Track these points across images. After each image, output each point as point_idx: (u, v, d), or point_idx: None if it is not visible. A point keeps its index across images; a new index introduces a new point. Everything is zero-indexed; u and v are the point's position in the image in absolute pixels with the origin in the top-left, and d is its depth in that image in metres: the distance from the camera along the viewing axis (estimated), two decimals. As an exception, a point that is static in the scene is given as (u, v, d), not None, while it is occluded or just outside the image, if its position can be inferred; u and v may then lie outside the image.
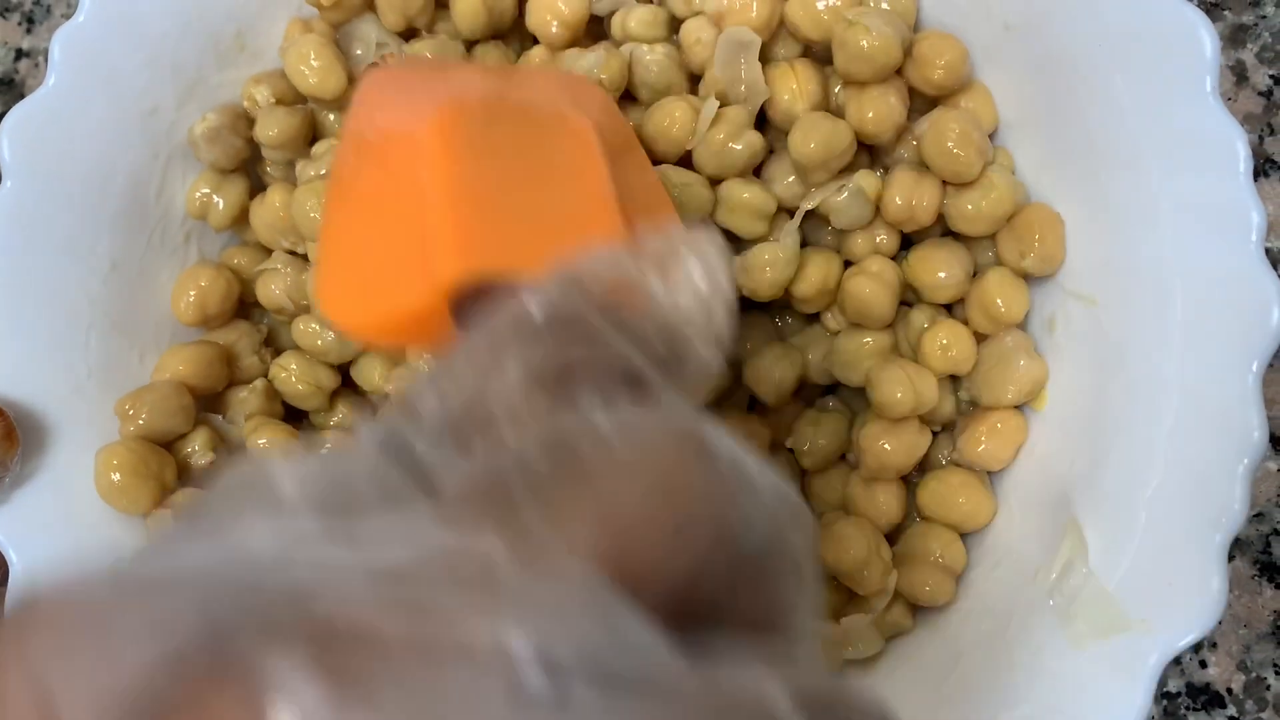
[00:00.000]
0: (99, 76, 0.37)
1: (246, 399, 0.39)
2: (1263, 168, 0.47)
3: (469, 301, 0.23)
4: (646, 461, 0.14)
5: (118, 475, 0.34)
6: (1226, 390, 0.30)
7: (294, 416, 0.40)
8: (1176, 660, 0.41)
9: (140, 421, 0.36)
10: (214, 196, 0.39)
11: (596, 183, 0.27)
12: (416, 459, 0.16)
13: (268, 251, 0.41)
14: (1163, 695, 0.43)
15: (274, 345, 0.41)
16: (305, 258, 0.39)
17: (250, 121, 0.39)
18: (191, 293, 0.38)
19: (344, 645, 0.11)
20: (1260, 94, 0.47)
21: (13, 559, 0.34)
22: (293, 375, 0.39)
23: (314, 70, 0.37)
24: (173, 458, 0.36)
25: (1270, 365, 0.30)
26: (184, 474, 0.37)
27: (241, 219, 0.40)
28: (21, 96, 0.50)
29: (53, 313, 0.36)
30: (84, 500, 0.35)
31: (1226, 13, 0.48)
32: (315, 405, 0.39)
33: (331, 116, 0.40)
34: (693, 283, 0.19)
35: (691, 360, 0.19)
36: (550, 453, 0.15)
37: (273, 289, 0.39)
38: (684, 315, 0.19)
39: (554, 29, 0.38)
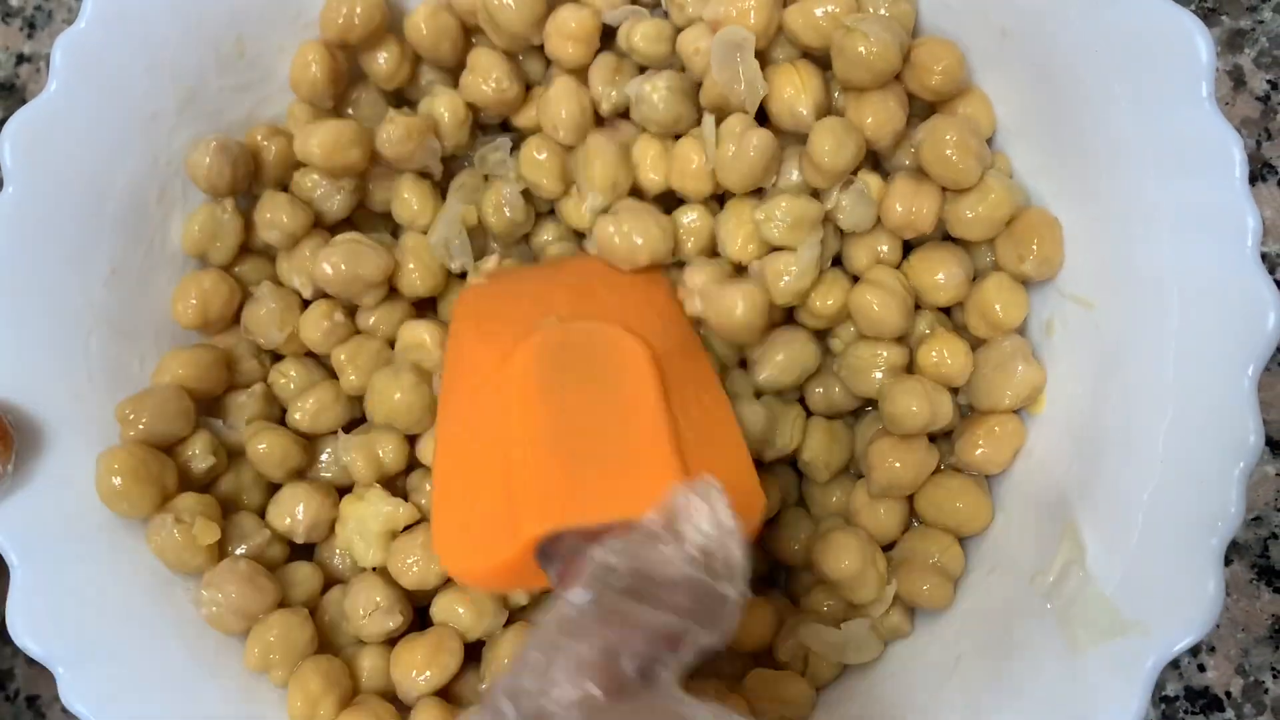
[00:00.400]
0: (100, 82, 0.37)
1: (246, 403, 0.39)
2: (1260, 172, 0.47)
3: (549, 544, 0.28)
4: None
5: (119, 479, 0.34)
6: (1223, 394, 0.30)
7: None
8: (1175, 664, 0.42)
9: (141, 426, 0.36)
10: (212, 235, 0.39)
11: (652, 420, 0.31)
12: None
13: (270, 258, 0.41)
14: (1161, 699, 0.43)
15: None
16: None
17: (251, 151, 0.40)
18: (193, 297, 0.39)
19: None
20: (1258, 99, 0.48)
21: (13, 561, 0.34)
22: (291, 381, 0.40)
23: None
24: (173, 461, 0.36)
25: (1266, 369, 0.30)
26: (185, 478, 0.37)
27: (240, 250, 0.40)
28: (23, 101, 0.50)
29: (54, 317, 0.36)
30: (85, 503, 0.35)
31: (1224, 18, 0.48)
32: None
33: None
34: (701, 535, 0.23)
35: (716, 601, 0.23)
36: None
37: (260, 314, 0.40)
38: (701, 565, 0.23)
39: (570, 49, 0.38)
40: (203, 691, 0.35)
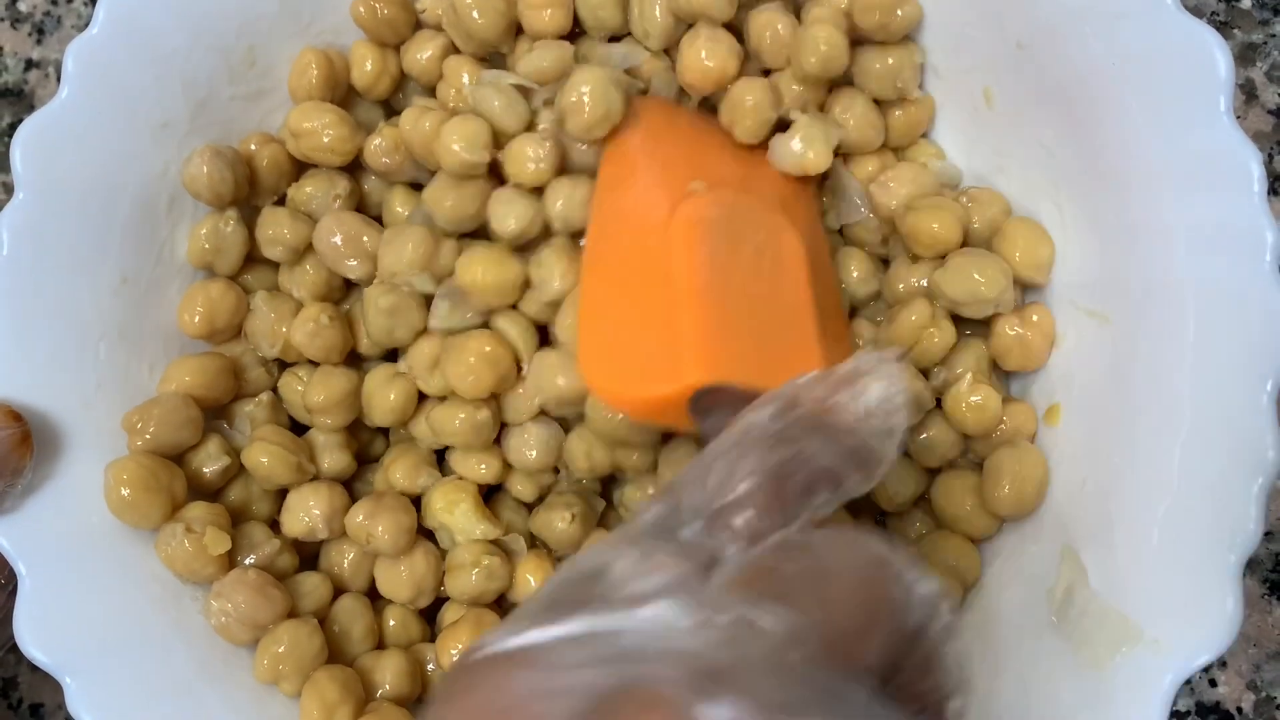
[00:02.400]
0: (111, 89, 0.37)
1: (253, 412, 0.39)
2: (1273, 186, 0.47)
3: (703, 395, 0.30)
4: (855, 581, 0.20)
5: (127, 490, 0.34)
6: (1241, 409, 0.30)
7: (299, 428, 0.40)
8: (1186, 679, 0.41)
9: (148, 435, 0.36)
10: (216, 249, 0.39)
11: (803, 305, 0.33)
12: (680, 540, 0.22)
13: (276, 266, 0.41)
14: (1172, 714, 0.42)
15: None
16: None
17: (247, 161, 0.39)
18: (199, 307, 0.38)
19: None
20: (1270, 112, 0.48)
21: (21, 570, 0.33)
22: (304, 385, 0.39)
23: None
24: (182, 471, 0.36)
25: (1285, 385, 0.30)
26: (194, 486, 0.37)
27: (245, 261, 0.40)
28: (31, 107, 0.50)
29: (63, 324, 0.36)
30: (93, 512, 0.35)
31: (1236, 31, 0.48)
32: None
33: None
34: (874, 396, 0.25)
35: (874, 455, 0.25)
36: (785, 553, 0.21)
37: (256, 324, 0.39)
38: (868, 421, 0.25)
39: (547, 16, 0.38)
40: (211, 702, 0.35)
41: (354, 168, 0.41)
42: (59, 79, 0.36)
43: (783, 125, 0.37)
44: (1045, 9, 0.34)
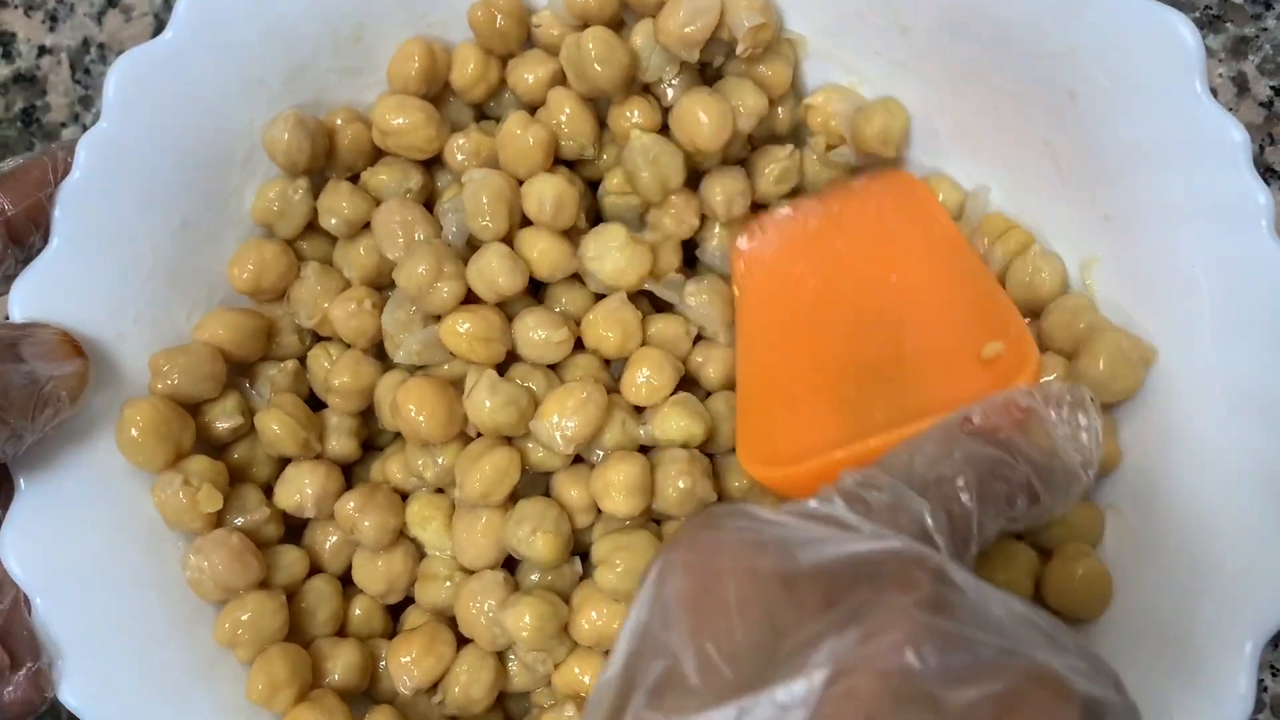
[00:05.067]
0: (215, 37, 0.37)
1: (276, 376, 0.40)
2: (1264, 177, 0.47)
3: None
4: None
5: (137, 432, 0.35)
6: (1266, 380, 0.31)
7: (315, 402, 0.41)
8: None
9: (171, 381, 0.36)
10: (280, 212, 0.40)
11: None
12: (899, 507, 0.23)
13: (333, 239, 0.41)
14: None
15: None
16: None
17: (329, 134, 0.40)
18: (250, 263, 0.39)
19: None
20: (1261, 105, 0.49)
21: (21, 485, 0.34)
22: (330, 362, 0.40)
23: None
24: (194, 422, 0.37)
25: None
26: (203, 437, 0.38)
27: (305, 229, 0.41)
28: (43, 92, 0.50)
29: (116, 255, 0.37)
30: (101, 443, 0.36)
31: (1229, 25, 0.50)
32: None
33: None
34: (1078, 420, 0.26)
35: (1072, 478, 0.26)
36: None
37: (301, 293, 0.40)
38: (1069, 443, 0.26)
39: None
40: (169, 650, 0.36)
41: (431, 162, 0.41)
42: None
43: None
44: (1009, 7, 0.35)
